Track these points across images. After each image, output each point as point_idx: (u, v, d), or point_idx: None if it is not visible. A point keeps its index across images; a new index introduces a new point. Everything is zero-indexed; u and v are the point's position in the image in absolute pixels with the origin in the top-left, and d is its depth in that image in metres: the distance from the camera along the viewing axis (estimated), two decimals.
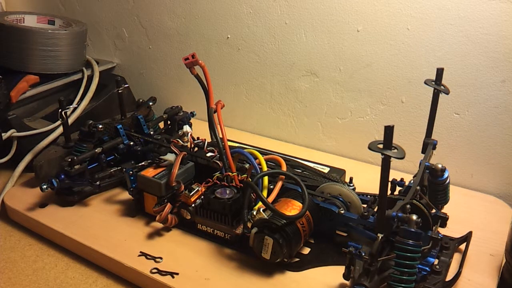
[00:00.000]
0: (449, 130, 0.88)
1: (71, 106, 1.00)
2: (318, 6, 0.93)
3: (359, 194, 0.72)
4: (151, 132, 0.89)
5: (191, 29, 1.11)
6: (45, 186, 0.76)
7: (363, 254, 0.56)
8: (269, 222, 0.63)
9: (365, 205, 0.70)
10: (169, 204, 0.72)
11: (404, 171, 0.88)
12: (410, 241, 0.53)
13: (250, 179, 0.70)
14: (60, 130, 0.94)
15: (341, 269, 0.60)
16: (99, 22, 1.25)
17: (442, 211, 0.67)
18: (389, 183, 0.62)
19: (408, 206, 0.60)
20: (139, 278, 0.67)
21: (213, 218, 0.70)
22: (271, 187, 0.70)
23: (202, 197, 0.72)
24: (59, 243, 0.76)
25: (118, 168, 0.84)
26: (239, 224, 0.69)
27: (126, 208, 0.80)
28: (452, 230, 0.69)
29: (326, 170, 0.85)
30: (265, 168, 0.71)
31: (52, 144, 0.92)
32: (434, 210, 0.65)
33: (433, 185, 0.69)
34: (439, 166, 0.67)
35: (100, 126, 0.83)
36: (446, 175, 0.68)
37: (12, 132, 0.92)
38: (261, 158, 0.73)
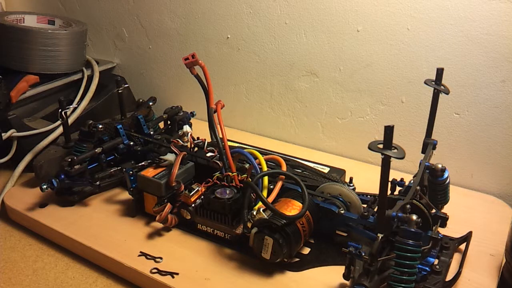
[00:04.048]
0: (449, 130, 0.88)
1: (71, 106, 1.00)
2: (318, 6, 0.93)
3: (359, 194, 0.72)
4: (151, 132, 0.88)
5: (191, 29, 1.11)
6: (45, 186, 0.76)
7: (363, 254, 0.56)
8: (269, 222, 0.63)
9: (365, 205, 0.70)
10: (169, 204, 0.72)
11: (404, 171, 0.88)
12: (410, 241, 0.53)
13: (250, 179, 0.70)
14: (60, 130, 0.94)
15: (341, 269, 0.60)
16: (99, 22, 1.25)
17: (442, 211, 0.67)
18: (389, 183, 0.62)
19: (408, 206, 0.60)
20: (139, 278, 0.67)
21: (213, 218, 0.70)
22: (271, 187, 0.70)
23: (202, 197, 0.72)
24: (59, 243, 0.76)
25: (118, 168, 0.84)
26: (239, 224, 0.69)
27: (126, 208, 0.80)
28: (452, 230, 0.69)
29: (326, 170, 0.85)
30: (265, 168, 0.71)
31: (52, 144, 0.92)
32: (434, 210, 0.65)
33: (433, 185, 0.69)
34: (439, 166, 0.67)
35: (100, 126, 0.83)
36: (446, 175, 0.68)
37: (12, 132, 0.92)
38: (261, 158, 0.73)
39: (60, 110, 0.81)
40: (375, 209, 0.66)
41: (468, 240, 0.69)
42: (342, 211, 0.67)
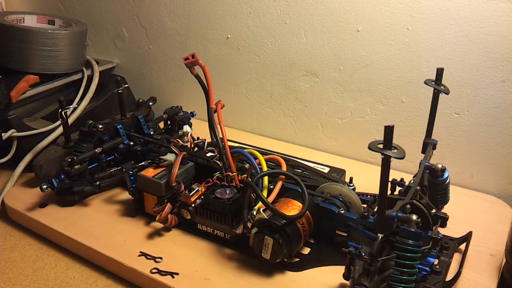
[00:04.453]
0: (449, 130, 0.88)
1: (71, 106, 1.00)
2: (318, 6, 0.93)
3: (359, 194, 0.72)
4: (151, 132, 0.89)
5: (191, 29, 1.11)
6: (45, 186, 0.76)
7: (363, 254, 0.56)
8: (269, 222, 0.63)
9: (365, 205, 0.70)
10: (169, 204, 0.72)
11: (404, 171, 0.88)
12: (410, 241, 0.53)
13: (250, 179, 0.70)
14: (60, 130, 0.94)
15: (341, 269, 0.60)
16: (99, 22, 1.25)
17: (442, 211, 0.67)
18: (389, 183, 0.62)
19: (408, 206, 0.60)
20: (139, 278, 0.67)
21: (213, 218, 0.70)
22: (271, 187, 0.70)
23: (202, 197, 0.72)
24: (59, 243, 0.76)
25: (118, 168, 0.84)
26: (239, 224, 0.69)
27: (126, 208, 0.80)
28: (452, 230, 0.69)
29: (326, 170, 0.85)
30: (265, 168, 0.71)
31: (52, 144, 0.92)
32: (434, 210, 0.65)
33: (433, 185, 0.69)
34: (439, 166, 0.67)
35: (100, 126, 0.83)
36: (446, 175, 0.68)
37: (12, 132, 0.92)
38: (261, 158, 0.73)
39: (60, 110, 0.81)
40: (375, 209, 0.66)
41: (468, 240, 0.69)
42: (342, 211, 0.67)
